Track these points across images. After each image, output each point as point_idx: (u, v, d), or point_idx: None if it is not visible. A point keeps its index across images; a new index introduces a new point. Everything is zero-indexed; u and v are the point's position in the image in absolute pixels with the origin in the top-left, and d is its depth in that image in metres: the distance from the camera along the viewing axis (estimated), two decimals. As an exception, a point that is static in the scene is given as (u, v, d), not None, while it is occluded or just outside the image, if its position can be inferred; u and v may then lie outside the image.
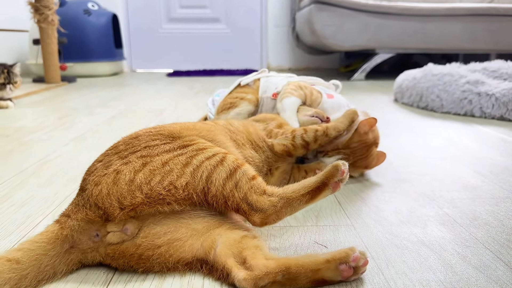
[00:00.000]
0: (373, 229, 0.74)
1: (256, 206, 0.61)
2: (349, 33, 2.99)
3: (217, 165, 0.62)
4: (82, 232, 0.58)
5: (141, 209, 0.58)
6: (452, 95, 1.79)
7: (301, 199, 0.62)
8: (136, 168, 0.60)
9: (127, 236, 0.58)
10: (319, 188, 0.62)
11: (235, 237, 0.60)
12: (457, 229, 0.74)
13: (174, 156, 0.62)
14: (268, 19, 4.17)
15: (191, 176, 0.60)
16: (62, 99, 2.36)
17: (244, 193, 0.61)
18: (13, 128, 1.58)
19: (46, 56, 2.94)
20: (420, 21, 2.97)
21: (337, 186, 0.63)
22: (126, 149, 0.65)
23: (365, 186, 0.96)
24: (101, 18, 3.53)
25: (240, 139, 0.82)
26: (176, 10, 4.17)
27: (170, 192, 0.59)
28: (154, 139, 0.67)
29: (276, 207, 0.61)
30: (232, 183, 0.61)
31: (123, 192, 0.58)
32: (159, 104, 2.12)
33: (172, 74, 3.75)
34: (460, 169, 1.07)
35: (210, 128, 0.77)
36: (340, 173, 0.62)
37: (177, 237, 0.59)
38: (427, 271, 0.61)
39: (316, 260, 0.54)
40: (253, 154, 0.83)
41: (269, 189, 0.63)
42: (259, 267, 0.54)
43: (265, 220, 0.61)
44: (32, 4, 2.80)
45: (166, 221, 0.60)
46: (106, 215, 0.58)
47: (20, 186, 0.96)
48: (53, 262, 0.57)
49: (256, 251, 0.57)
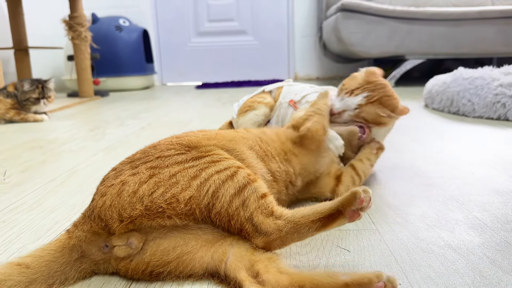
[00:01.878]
0: (398, 233, 0.72)
1: (261, 228, 0.57)
2: (377, 40, 2.96)
3: (226, 179, 0.59)
4: (90, 243, 0.58)
5: (140, 221, 0.56)
6: (485, 98, 1.73)
7: (311, 226, 0.57)
8: (142, 179, 0.59)
9: (132, 250, 0.57)
10: (333, 216, 0.56)
11: (247, 247, 0.57)
12: (487, 233, 0.71)
13: (184, 168, 0.61)
14: (295, 29, 4.18)
15: (196, 190, 0.58)
16: (94, 112, 2.43)
17: (250, 213, 0.57)
18: (47, 140, 1.63)
19: (79, 72, 3.04)
20: (450, 26, 2.91)
21: (356, 215, 0.56)
22: (140, 159, 0.64)
23: (391, 190, 0.94)
24: (132, 34, 3.63)
25: (271, 150, 0.79)
26: (204, 24, 4.24)
27: (171, 205, 0.56)
28: (170, 148, 0.65)
29: (281, 232, 0.57)
30: (239, 200, 0.58)
31: (124, 204, 0.57)
32: (186, 115, 2.15)
33: (201, 87, 3.81)
34: (492, 174, 1.03)
35: (232, 138, 0.74)
36: (358, 201, 0.55)
37: (187, 251, 0.57)
38: (453, 275, 0.58)
39: (334, 283, 0.49)
40: (282, 168, 0.78)
41: (277, 211, 0.59)
42: (272, 283, 0.51)
43: (268, 244, 0.58)
44: (66, 22, 2.91)
45: (173, 233, 0.58)
46: (108, 227, 0.57)
47: (51, 193, 0.99)
48: (63, 269, 0.58)
49: (269, 264, 0.54)
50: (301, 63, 4.25)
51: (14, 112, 2.10)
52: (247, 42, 4.27)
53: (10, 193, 1.01)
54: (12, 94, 2.12)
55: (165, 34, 4.26)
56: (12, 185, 1.07)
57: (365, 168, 0.94)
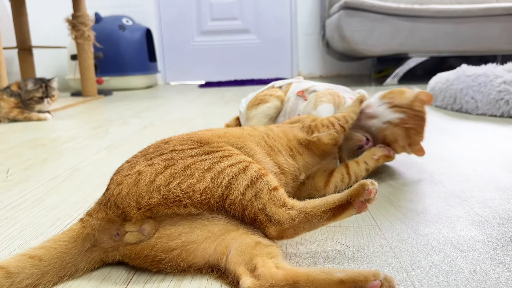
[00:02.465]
0: (399, 229, 0.72)
1: (274, 218, 0.59)
2: (380, 38, 2.95)
3: (239, 172, 0.61)
4: (103, 231, 0.59)
5: (157, 209, 0.58)
6: (488, 96, 1.72)
7: (322, 216, 0.59)
8: (158, 170, 0.61)
9: (144, 236, 0.59)
10: (342, 207, 0.59)
11: (249, 242, 0.58)
12: (489, 229, 0.71)
13: (198, 161, 0.62)
14: (298, 27, 4.17)
15: (210, 181, 0.60)
16: (98, 111, 2.44)
17: (263, 204, 0.60)
18: (50, 138, 1.64)
19: (83, 71, 3.05)
20: (454, 23, 2.89)
21: (363, 206, 0.59)
22: (154, 152, 0.66)
23: (393, 187, 0.93)
24: (135, 33, 3.64)
25: (277, 145, 0.81)
26: (207, 23, 4.25)
27: (187, 195, 0.59)
28: (183, 143, 0.67)
29: (294, 221, 0.59)
30: (252, 192, 0.60)
31: (141, 192, 0.58)
32: (189, 114, 2.16)
33: (204, 85, 3.81)
34: (494, 170, 1.03)
35: (240, 135, 0.76)
36: (367, 192, 0.58)
37: (191, 240, 0.58)
38: (453, 270, 0.58)
39: (329, 279, 0.49)
40: (288, 161, 0.81)
41: (289, 202, 0.61)
42: (266, 277, 0.52)
43: (281, 233, 0.60)
44: (69, 21, 2.92)
45: (183, 222, 0.60)
46: (124, 214, 0.58)
47: (53, 191, 1.00)
48: (74, 260, 0.58)
49: (267, 259, 0.55)
50: (304, 61, 4.24)
51: (18, 111, 2.11)
52: (250, 41, 4.27)
53: (12, 190, 1.01)
54: (16, 93, 2.13)
55: (168, 33, 4.26)
56: (15, 183, 1.08)
57: (358, 171, 0.93)
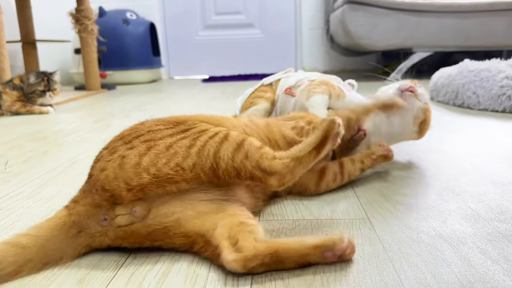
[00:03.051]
0: (390, 223, 0.72)
1: (270, 170, 0.63)
2: (384, 33, 2.93)
3: (222, 141, 0.63)
4: (89, 217, 0.60)
5: (149, 189, 0.60)
6: (490, 91, 1.71)
7: (309, 156, 0.66)
8: (141, 152, 0.61)
9: (136, 218, 0.60)
10: (323, 142, 0.67)
11: (234, 221, 0.61)
12: (480, 223, 0.70)
13: (177, 139, 0.64)
14: (303, 22, 4.15)
15: (197, 157, 0.62)
16: (100, 104, 2.45)
17: (255, 161, 0.63)
18: (51, 131, 1.65)
19: (86, 65, 3.06)
20: (459, 18, 2.87)
21: (336, 139, 0.68)
22: (130, 134, 0.66)
23: (387, 181, 0.93)
24: (139, 27, 3.64)
25: (254, 134, 0.80)
26: (211, 17, 4.24)
27: (178, 173, 0.60)
28: (158, 124, 0.68)
29: (289, 167, 0.64)
30: (242, 154, 0.63)
31: (129, 174, 0.59)
32: (190, 107, 2.16)
33: (207, 80, 3.81)
34: (492, 165, 1.02)
35: (217, 118, 0.78)
36: (337, 126, 0.67)
37: (183, 217, 0.61)
38: (441, 264, 0.58)
39: (303, 246, 0.56)
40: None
41: (278, 154, 0.65)
42: (249, 249, 0.55)
43: (281, 180, 0.64)
44: (73, 15, 2.93)
45: (174, 202, 0.62)
46: (114, 197, 0.59)
47: (49, 183, 1.00)
48: (59, 247, 0.59)
49: (248, 235, 0.58)
50: (308, 56, 4.23)
51: (20, 105, 2.12)
52: (254, 35, 4.25)
53: (10, 182, 1.02)
54: (18, 86, 2.14)
55: (173, 28, 4.26)
56: (13, 174, 1.08)
57: (352, 170, 0.90)
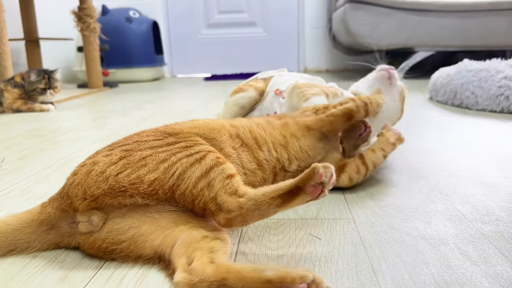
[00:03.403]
0: (374, 223, 0.72)
1: (223, 206, 0.58)
2: (386, 32, 2.92)
3: (194, 163, 0.60)
4: (60, 219, 0.62)
5: (102, 200, 0.59)
6: (488, 91, 1.70)
7: (271, 203, 0.57)
8: (112, 160, 0.61)
9: (93, 227, 0.60)
10: (292, 193, 0.56)
11: (195, 235, 0.58)
12: (464, 225, 0.71)
13: (156, 152, 0.62)
14: (305, 20, 4.15)
15: (162, 173, 0.59)
16: (101, 102, 2.46)
17: (215, 193, 0.58)
18: (50, 129, 1.67)
19: (88, 63, 3.08)
20: (461, 17, 2.85)
21: (317, 191, 0.56)
22: (119, 142, 0.67)
23: (377, 182, 0.93)
24: (142, 26, 3.66)
25: (265, 135, 0.80)
26: (214, 16, 4.24)
27: (134, 185, 0.58)
28: (150, 135, 0.68)
29: (242, 209, 0.57)
30: (205, 182, 0.59)
31: (90, 182, 0.59)
32: (190, 106, 2.17)
33: (209, 78, 3.82)
34: (484, 166, 1.02)
35: (215, 127, 0.75)
36: (317, 176, 0.55)
37: (141, 233, 0.59)
38: (420, 264, 0.58)
39: (257, 278, 0.49)
40: (272, 154, 0.79)
41: (242, 190, 0.59)
42: (198, 271, 0.51)
43: (229, 221, 0.58)
44: (75, 13, 2.95)
45: (132, 214, 0.60)
46: (72, 205, 0.60)
47: (42, 181, 1.01)
48: (27, 238, 0.62)
49: (206, 253, 0.54)
50: (310, 55, 4.22)
51: (21, 102, 2.14)
52: (257, 34, 4.25)
53: (4, 179, 1.03)
54: (20, 84, 2.16)
55: (176, 26, 4.27)
56: (8, 171, 1.10)
57: (375, 158, 0.91)
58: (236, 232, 0.71)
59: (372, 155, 0.91)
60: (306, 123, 0.86)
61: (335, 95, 1.14)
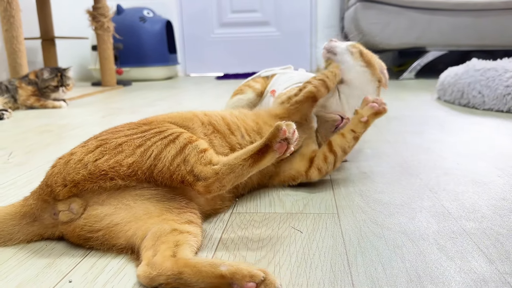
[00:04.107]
0: (358, 218, 0.73)
1: (200, 175, 0.62)
2: (397, 31, 2.90)
3: (168, 143, 0.64)
4: (42, 210, 0.64)
5: (83, 185, 0.61)
6: (495, 90, 1.68)
7: (243, 164, 0.62)
8: (89, 149, 0.64)
9: (74, 215, 0.62)
10: (262, 151, 0.62)
11: (166, 228, 0.59)
12: (448, 221, 0.71)
13: (131, 139, 0.65)
14: (318, 20, 4.14)
15: (139, 156, 0.63)
16: (112, 100, 2.51)
17: (191, 166, 0.62)
18: (58, 125, 1.71)
19: (102, 61, 3.14)
20: (474, 16, 2.81)
21: (283, 147, 0.61)
22: (95, 135, 0.70)
23: (369, 179, 0.94)
24: (156, 25, 3.70)
25: (238, 122, 0.83)
26: (227, 15, 4.27)
27: (114, 169, 0.61)
28: (124, 126, 0.71)
29: (218, 174, 0.61)
30: (181, 158, 0.63)
31: (69, 170, 0.62)
32: (199, 103, 2.20)
33: (221, 77, 3.85)
34: (479, 165, 1.01)
35: (188, 117, 0.78)
36: (281, 132, 0.60)
37: (115, 222, 0.61)
38: (395, 258, 0.59)
39: (211, 272, 0.50)
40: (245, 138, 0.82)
41: (215, 159, 0.63)
42: (157, 264, 0.52)
43: (208, 188, 0.62)
44: (89, 13, 3.01)
45: (110, 201, 0.62)
46: (52, 193, 0.62)
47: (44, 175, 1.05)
48: (11, 229, 0.65)
49: (169, 247, 0.55)
50: (323, 54, 4.20)
51: (35, 99, 2.20)
52: (270, 33, 4.27)
53: (9, 171, 1.07)
54: (33, 81, 2.22)
55: (189, 25, 4.31)
56: (13, 165, 1.14)
57: (344, 143, 0.87)
58: (221, 223, 0.73)
59: (340, 140, 0.88)
60: (275, 112, 0.89)
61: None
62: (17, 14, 2.36)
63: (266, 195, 0.86)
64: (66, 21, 3.73)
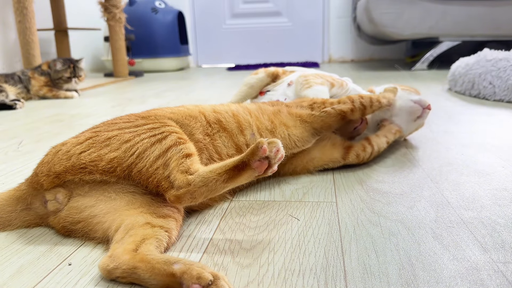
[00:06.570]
0: (356, 207, 0.73)
1: (174, 183, 0.60)
2: (410, 21, 2.86)
3: (155, 143, 0.63)
4: (33, 197, 0.66)
5: (63, 176, 0.63)
6: (506, 81, 1.65)
7: (217, 179, 0.58)
8: (79, 141, 0.65)
9: (60, 204, 0.63)
10: (238, 168, 0.58)
11: (139, 221, 0.59)
12: (446, 210, 0.71)
13: (122, 133, 0.65)
14: (330, 10, 4.11)
15: (123, 152, 0.62)
16: (123, 91, 2.54)
17: (169, 171, 0.60)
18: (69, 115, 1.74)
19: (114, 52, 3.17)
20: (488, 6, 2.76)
21: (263, 166, 0.57)
22: (94, 125, 0.71)
23: (370, 168, 0.94)
24: (167, 16, 3.72)
25: (250, 120, 0.82)
26: (239, 6, 4.26)
27: (93, 163, 0.62)
28: (123, 117, 0.72)
29: (189, 185, 0.59)
30: (162, 160, 0.61)
31: (56, 161, 0.63)
32: (207, 94, 2.21)
33: (232, 68, 3.85)
34: (484, 156, 1.00)
35: (192, 114, 0.77)
36: (261, 151, 0.56)
37: (94, 214, 0.61)
38: (390, 246, 0.59)
39: (164, 270, 0.49)
40: (257, 137, 0.80)
41: (194, 168, 0.61)
42: (116, 258, 0.52)
43: (178, 198, 0.60)
44: (101, 4, 3.03)
45: (92, 193, 0.63)
46: (38, 182, 0.64)
47: (53, 161, 1.07)
48: (8, 215, 0.67)
49: (135, 241, 0.55)
50: (335, 45, 4.18)
51: (47, 89, 2.23)
52: (282, 24, 4.25)
53: (18, 159, 1.10)
54: (46, 72, 2.26)
55: (201, 16, 4.32)
56: (23, 153, 1.16)
57: (379, 142, 0.97)
58: (220, 210, 0.74)
59: (377, 139, 0.98)
60: (300, 115, 0.88)
61: (341, 85, 1.16)
62: (30, 5, 2.39)
63: (266, 184, 0.86)
64: (79, 12, 3.76)
